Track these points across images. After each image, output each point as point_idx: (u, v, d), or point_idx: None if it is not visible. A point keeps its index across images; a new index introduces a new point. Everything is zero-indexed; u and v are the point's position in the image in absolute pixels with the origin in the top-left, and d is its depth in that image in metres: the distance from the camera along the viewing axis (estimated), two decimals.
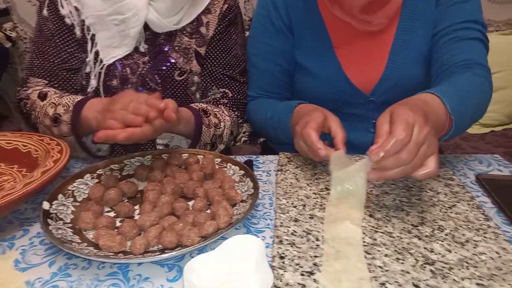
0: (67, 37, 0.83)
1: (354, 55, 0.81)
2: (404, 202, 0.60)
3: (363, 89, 0.82)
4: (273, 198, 0.63)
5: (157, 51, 0.85)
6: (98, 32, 0.82)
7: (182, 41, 0.87)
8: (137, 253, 0.48)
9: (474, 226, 0.55)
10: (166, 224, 0.53)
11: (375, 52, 0.81)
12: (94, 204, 0.57)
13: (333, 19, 0.81)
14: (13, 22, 1.54)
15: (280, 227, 0.54)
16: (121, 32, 0.81)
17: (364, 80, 0.81)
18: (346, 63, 0.81)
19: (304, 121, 0.66)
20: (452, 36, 0.75)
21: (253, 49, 0.90)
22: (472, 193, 0.64)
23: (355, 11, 0.77)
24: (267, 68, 0.88)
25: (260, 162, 0.76)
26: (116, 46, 0.82)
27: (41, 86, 0.81)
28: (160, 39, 0.85)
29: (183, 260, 0.49)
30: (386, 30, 0.80)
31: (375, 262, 0.47)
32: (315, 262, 0.47)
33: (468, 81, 0.68)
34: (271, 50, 0.86)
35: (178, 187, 0.62)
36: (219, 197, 0.58)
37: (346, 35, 0.81)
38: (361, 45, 0.81)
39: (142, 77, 0.84)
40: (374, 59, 0.81)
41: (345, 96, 0.83)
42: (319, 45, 0.83)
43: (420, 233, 0.53)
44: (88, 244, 0.50)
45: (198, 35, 0.88)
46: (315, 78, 0.84)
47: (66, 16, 0.81)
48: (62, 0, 0.81)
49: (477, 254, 0.49)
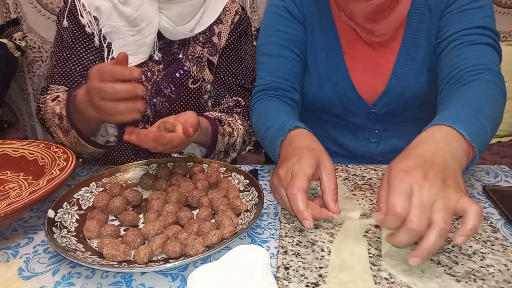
0: (87, 45, 0.85)
1: (361, 63, 0.81)
2: None
3: (366, 99, 0.81)
4: (278, 208, 0.63)
5: (171, 59, 0.87)
6: (114, 41, 0.84)
7: (195, 50, 0.89)
8: (141, 262, 0.48)
9: (482, 238, 0.54)
10: (170, 233, 0.53)
11: (380, 63, 0.80)
12: (98, 213, 0.57)
13: (344, 22, 0.80)
14: (23, 31, 1.57)
15: (285, 237, 0.54)
16: (137, 41, 0.84)
17: (368, 90, 0.81)
18: (353, 69, 0.81)
19: (291, 168, 0.56)
20: (461, 42, 0.70)
21: (265, 39, 0.84)
22: (480, 204, 0.63)
23: (359, 20, 0.77)
24: (282, 54, 0.82)
25: (265, 171, 0.76)
26: (132, 53, 0.84)
27: (61, 92, 0.83)
28: (174, 48, 0.88)
29: (187, 270, 0.49)
30: (391, 41, 0.79)
31: (380, 274, 0.47)
32: (320, 273, 0.47)
33: (479, 93, 0.62)
34: (286, 37, 0.82)
35: (182, 196, 0.62)
36: (224, 206, 0.58)
37: (355, 40, 0.81)
38: (368, 53, 0.81)
39: (157, 85, 0.86)
40: (379, 70, 0.80)
41: (348, 103, 0.82)
42: (329, 47, 0.82)
43: None
44: (92, 252, 0.50)
45: (211, 44, 0.90)
46: (322, 79, 0.83)
47: (86, 25, 0.84)
48: (81, 9, 0.84)
49: (484, 266, 0.48)
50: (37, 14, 1.55)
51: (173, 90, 0.86)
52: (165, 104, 0.86)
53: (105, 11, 0.84)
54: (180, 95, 0.87)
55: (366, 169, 0.74)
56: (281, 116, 0.72)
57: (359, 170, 0.74)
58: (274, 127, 0.69)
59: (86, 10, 0.84)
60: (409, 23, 0.78)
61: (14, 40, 1.48)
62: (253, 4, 1.68)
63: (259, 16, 1.69)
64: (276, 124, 0.69)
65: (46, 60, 1.62)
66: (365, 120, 0.83)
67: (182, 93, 0.87)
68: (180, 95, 0.87)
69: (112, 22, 0.84)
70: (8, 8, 1.54)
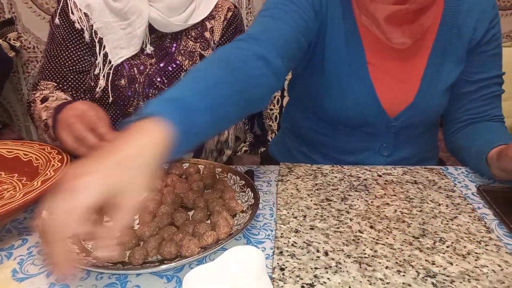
0: (77, 41, 0.87)
1: (386, 76, 0.77)
2: (405, 214, 0.60)
3: (389, 112, 0.78)
4: (273, 209, 0.63)
5: (164, 53, 0.88)
6: (106, 36, 0.85)
7: (187, 45, 0.90)
8: (136, 263, 0.48)
9: (476, 238, 0.54)
10: (165, 234, 0.53)
11: (406, 77, 0.77)
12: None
13: (368, 30, 0.75)
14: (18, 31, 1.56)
15: (281, 238, 0.54)
16: (128, 34, 0.85)
17: (392, 104, 0.78)
18: (378, 81, 0.76)
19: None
20: (487, 92, 0.80)
21: (269, 5, 0.72)
22: (474, 204, 0.63)
23: (380, 22, 0.71)
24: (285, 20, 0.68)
25: (260, 172, 0.76)
26: (124, 46, 0.85)
27: (50, 88, 0.86)
28: (166, 42, 0.89)
29: (182, 271, 0.49)
30: (417, 57, 0.77)
31: (376, 274, 0.47)
32: (316, 274, 0.47)
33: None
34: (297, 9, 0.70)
35: (178, 197, 0.61)
36: (219, 207, 0.58)
37: (380, 50, 0.76)
38: (394, 66, 0.77)
39: (149, 77, 0.87)
40: (405, 84, 0.77)
41: (369, 116, 0.78)
42: (352, 57, 0.76)
43: (421, 245, 0.52)
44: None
45: (203, 39, 0.91)
46: (343, 91, 0.77)
47: (75, 21, 0.85)
48: (72, 7, 0.86)
49: (478, 266, 0.48)
50: (32, 14, 1.54)
51: (165, 82, 0.87)
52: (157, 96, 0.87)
53: (96, 7, 0.85)
54: None
55: (361, 169, 0.74)
56: (199, 81, 0.52)
57: (355, 171, 0.74)
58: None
59: (78, 7, 0.85)
60: (437, 41, 0.76)
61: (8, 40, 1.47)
62: (249, 5, 1.69)
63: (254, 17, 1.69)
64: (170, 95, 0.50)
65: (41, 61, 1.61)
66: (381, 132, 0.80)
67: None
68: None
69: (104, 18, 0.85)
70: (2, 8, 1.53)
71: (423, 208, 0.62)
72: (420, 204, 0.63)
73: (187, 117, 0.46)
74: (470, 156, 0.77)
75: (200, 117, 0.48)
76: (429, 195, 0.65)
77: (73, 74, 0.87)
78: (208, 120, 0.49)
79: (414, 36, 0.72)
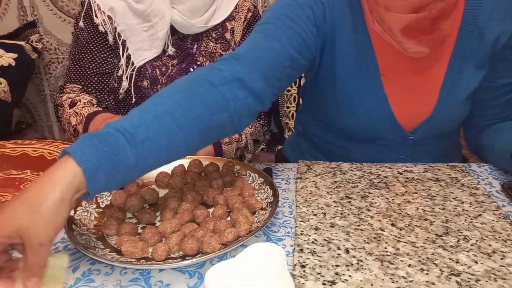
0: (100, 43, 0.89)
1: (402, 88, 0.72)
2: (427, 211, 0.59)
3: (405, 126, 0.74)
4: (292, 206, 0.63)
5: (185, 54, 0.90)
6: (129, 38, 0.87)
7: (208, 46, 0.91)
8: (159, 259, 0.48)
9: (501, 236, 0.53)
10: (187, 231, 0.53)
11: (424, 88, 0.72)
12: (116, 211, 0.58)
13: (381, 41, 0.69)
14: (39, 34, 1.60)
15: (301, 236, 0.54)
16: (151, 36, 0.87)
17: (408, 118, 0.73)
18: (392, 95, 0.72)
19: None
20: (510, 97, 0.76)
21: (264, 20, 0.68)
22: (498, 202, 0.62)
23: (396, 33, 0.65)
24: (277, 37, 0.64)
25: (279, 170, 0.76)
26: (146, 49, 0.87)
27: (75, 91, 0.89)
28: (187, 43, 0.90)
29: (204, 267, 0.49)
30: (435, 64, 0.71)
31: (398, 272, 0.46)
32: (337, 271, 0.47)
33: None
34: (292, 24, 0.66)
35: (198, 194, 0.62)
36: (239, 204, 0.58)
37: (394, 62, 0.71)
38: (410, 77, 0.72)
39: (171, 78, 0.89)
40: (422, 96, 0.73)
41: (383, 131, 0.74)
42: (363, 70, 0.71)
43: (444, 243, 0.51)
44: (111, 250, 0.51)
45: (223, 40, 0.92)
46: (354, 106, 0.73)
47: (99, 24, 0.88)
48: (96, 10, 0.88)
49: (505, 265, 0.47)
50: (53, 17, 1.58)
51: None
52: None
53: (119, 10, 0.87)
54: None
55: (381, 167, 0.73)
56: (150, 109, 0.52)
57: (375, 168, 0.73)
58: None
59: (101, 10, 0.87)
60: (456, 46, 0.70)
61: (31, 43, 1.51)
62: (265, 3, 1.69)
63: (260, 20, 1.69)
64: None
65: (62, 62, 1.65)
66: (398, 145, 0.77)
67: None
68: None
69: (127, 21, 0.87)
70: (25, 11, 1.57)
71: (445, 206, 0.60)
72: (443, 202, 0.61)
73: (107, 154, 0.45)
74: (493, 154, 0.75)
75: (125, 154, 0.46)
76: (451, 193, 0.64)
77: (97, 76, 0.89)
78: (140, 156, 0.47)
79: (433, 44, 0.67)
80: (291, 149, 0.99)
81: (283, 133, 1.38)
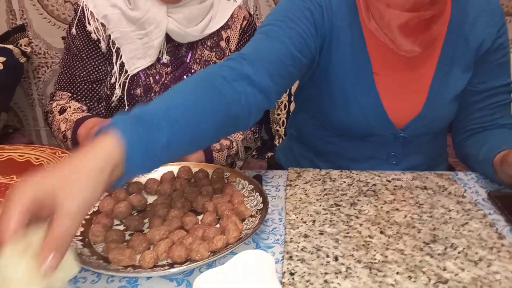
0: (92, 51, 0.88)
1: (393, 86, 0.75)
2: (415, 219, 0.59)
3: (396, 124, 0.77)
4: (282, 214, 0.63)
5: (179, 62, 0.89)
6: (123, 45, 0.86)
7: (203, 54, 0.91)
8: (147, 267, 0.48)
9: (487, 244, 0.54)
10: (175, 238, 0.53)
11: (414, 87, 0.76)
12: (104, 217, 0.57)
13: (375, 40, 0.73)
14: (29, 37, 1.59)
15: (290, 243, 0.54)
16: (145, 44, 0.86)
17: (399, 115, 0.76)
18: (385, 93, 0.75)
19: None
20: (494, 101, 0.79)
21: (267, 21, 0.72)
22: (485, 210, 0.63)
23: (393, 30, 0.68)
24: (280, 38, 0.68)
25: (269, 177, 0.76)
26: (140, 57, 0.87)
27: (65, 98, 0.88)
28: (182, 52, 0.90)
29: (192, 274, 0.49)
30: (425, 64, 0.75)
31: (386, 280, 0.47)
32: (326, 279, 0.47)
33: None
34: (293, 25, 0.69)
35: (187, 201, 0.62)
36: (229, 211, 0.58)
37: (387, 61, 0.74)
38: (401, 75, 0.75)
39: (165, 87, 0.88)
40: (412, 95, 0.76)
41: (376, 127, 0.77)
42: (358, 68, 0.75)
43: (432, 251, 0.52)
44: (98, 257, 0.50)
45: (218, 48, 0.92)
46: (348, 103, 0.76)
47: (92, 32, 0.87)
48: (89, 17, 0.87)
49: (491, 273, 0.48)
50: (42, 21, 1.57)
51: None
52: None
53: (114, 18, 0.86)
54: None
55: (370, 175, 0.74)
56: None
57: (363, 176, 0.74)
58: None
59: (95, 17, 0.86)
60: (444, 49, 0.74)
61: (19, 46, 1.50)
62: (256, 11, 1.70)
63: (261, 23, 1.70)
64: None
65: (51, 66, 1.63)
66: (390, 142, 0.79)
67: None
68: None
69: (121, 28, 0.86)
70: (14, 14, 1.56)
71: (433, 213, 0.61)
72: (430, 210, 0.62)
73: (144, 133, 0.46)
74: (477, 163, 0.77)
75: (160, 134, 0.47)
76: (439, 201, 0.65)
77: (87, 84, 0.88)
78: (171, 138, 0.48)
79: (425, 44, 0.71)
80: (283, 154, 1.00)
81: (273, 140, 1.39)
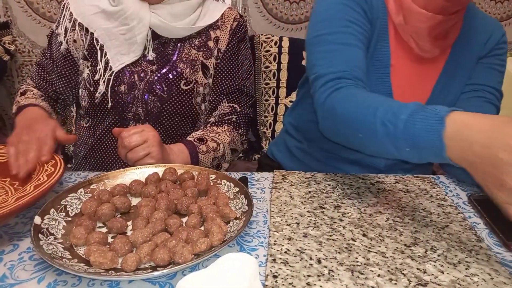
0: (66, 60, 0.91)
1: (404, 79, 0.79)
2: (397, 222, 0.60)
3: None
4: (267, 216, 0.63)
5: (165, 60, 0.89)
6: (106, 42, 0.86)
7: (189, 53, 0.91)
8: (129, 270, 0.47)
9: (467, 247, 0.55)
10: (159, 240, 0.52)
11: (421, 85, 0.80)
12: (86, 219, 0.56)
13: (395, 32, 0.77)
14: (13, 35, 1.56)
15: (274, 246, 0.54)
16: (128, 40, 0.86)
17: None
18: (396, 84, 0.79)
19: None
20: (481, 96, 0.81)
21: (329, 29, 0.75)
22: (465, 213, 0.64)
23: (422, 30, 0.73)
24: (353, 43, 0.72)
25: (255, 179, 0.76)
26: (124, 53, 0.86)
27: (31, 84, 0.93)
28: (168, 49, 0.89)
29: (175, 277, 0.49)
30: (433, 65, 0.80)
31: (368, 282, 0.47)
32: (308, 282, 0.47)
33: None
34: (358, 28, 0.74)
35: (172, 203, 0.61)
36: (213, 214, 0.58)
37: (403, 54, 0.78)
38: (412, 72, 0.79)
39: (149, 84, 0.88)
40: (418, 91, 0.81)
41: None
42: (379, 57, 0.78)
43: (413, 254, 0.53)
44: (79, 260, 0.50)
45: (206, 48, 0.92)
46: None
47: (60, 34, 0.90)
48: (61, 19, 0.90)
49: (469, 275, 0.49)
50: (27, 18, 1.54)
51: (165, 90, 0.88)
52: (156, 103, 0.88)
53: (95, 17, 0.86)
54: (172, 95, 0.88)
55: (354, 178, 0.75)
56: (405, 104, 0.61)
57: (348, 179, 0.74)
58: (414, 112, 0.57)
59: (73, 18, 0.88)
60: (451, 55, 0.80)
61: (3, 44, 1.47)
62: (245, 13, 1.70)
63: (250, 25, 1.71)
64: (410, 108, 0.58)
65: None
66: None
67: (174, 94, 0.88)
68: (172, 95, 0.88)
69: (103, 25, 0.86)
70: None
71: (415, 216, 0.62)
72: (412, 213, 0.63)
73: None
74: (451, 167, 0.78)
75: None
76: (421, 204, 0.66)
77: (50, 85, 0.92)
78: None
79: (443, 48, 0.77)
80: (277, 148, 1.02)
81: (260, 142, 1.39)
